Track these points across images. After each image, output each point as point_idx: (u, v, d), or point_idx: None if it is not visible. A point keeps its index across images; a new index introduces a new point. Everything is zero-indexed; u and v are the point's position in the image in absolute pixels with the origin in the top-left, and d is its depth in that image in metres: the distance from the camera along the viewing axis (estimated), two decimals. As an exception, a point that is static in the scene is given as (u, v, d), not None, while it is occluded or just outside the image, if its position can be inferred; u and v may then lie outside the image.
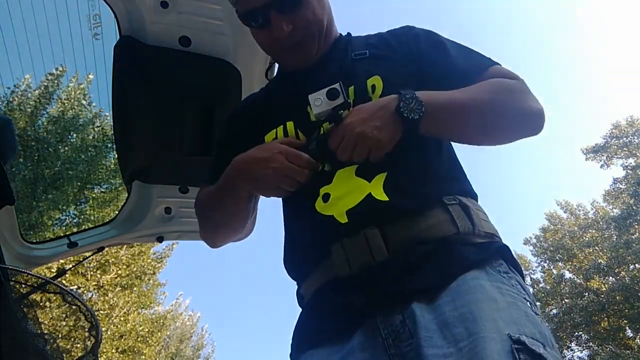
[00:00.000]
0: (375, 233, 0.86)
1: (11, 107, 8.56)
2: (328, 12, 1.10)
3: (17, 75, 8.25)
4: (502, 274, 0.84)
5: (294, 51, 1.07)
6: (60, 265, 6.10)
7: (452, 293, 0.79)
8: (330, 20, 1.11)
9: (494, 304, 0.76)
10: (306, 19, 1.03)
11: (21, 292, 1.86)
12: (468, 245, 0.86)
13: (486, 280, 0.81)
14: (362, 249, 0.87)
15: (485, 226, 0.92)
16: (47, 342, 1.83)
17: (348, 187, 0.91)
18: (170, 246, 12.86)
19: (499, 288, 0.80)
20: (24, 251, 2.10)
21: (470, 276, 0.81)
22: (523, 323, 0.74)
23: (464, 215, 0.89)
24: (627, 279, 14.71)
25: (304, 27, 1.03)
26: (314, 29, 1.05)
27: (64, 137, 9.22)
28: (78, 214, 9.47)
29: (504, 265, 0.86)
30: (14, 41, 2.94)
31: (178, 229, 2.26)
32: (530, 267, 18.57)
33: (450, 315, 0.76)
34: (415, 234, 0.86)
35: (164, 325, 14.07)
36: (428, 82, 1.00)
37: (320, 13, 1.06)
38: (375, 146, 0.87)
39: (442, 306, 0.78)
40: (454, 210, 0.89)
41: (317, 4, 1.05)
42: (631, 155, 16.63)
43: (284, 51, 1.08)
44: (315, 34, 1.06)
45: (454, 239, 0.86)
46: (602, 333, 15.05)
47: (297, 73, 1.12)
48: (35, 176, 8.55)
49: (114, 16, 1.64)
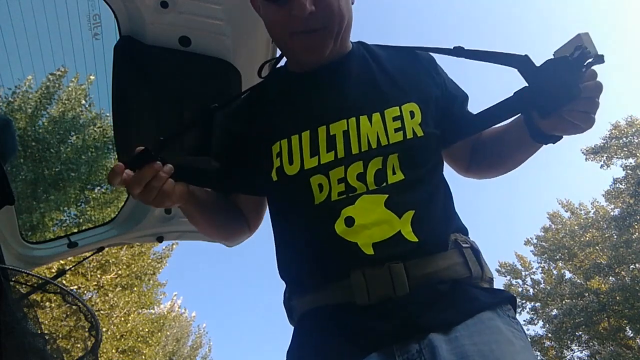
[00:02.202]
0: (400, 268, 0.88)
1: (12, 107, 8.56)
2: (350, 16, 1.03)
3: (17, 76, 8.25)
4: (511, 319, 0.90)
5: (309, 39, 0.98)
6: (60, 265, 6.10)
7: (469, 328, 0.84)
8: (349, 25, 1.03)
9: (512, 347, 0.81)
10: (330, 6, 0.95)
11: (21, 292, 1.86)
12: (479, 289, 0.92)
13: (501, 323, 0.86)
14: (385, 282, 0.88)
15: (489, 272, 0.98)
16: (47, 342, 1.83)
17: (376, 217, 0.90)
18: (170, 246, 12.87)
19: (512, 332, 0.86)
20: (24, 251, 2.10)
21: (486, 316, 0.86)
22: None
23: (475, 259, 0.95)
24: (628, 278, 14.71)
25: (327, 14, 0.96)
26: (335, 21, 0.97)
27: (64, 137, 9.21)
28: (78, 214, 9.47)
29: (511, 311, 0.92)
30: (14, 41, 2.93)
31: (178, 229, 2.26)
32: (530, 268, 18.57)
33: (469, 349, 0.80)
34: (434, 272, 0.90)
35: (164, 325, 14.07)
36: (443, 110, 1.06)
37: (345, 9, 0.99)
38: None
39: (459, 339, 0.82)
40: (467, 253, 0.94)
41: (344, 2, 0.98)
42: (631, 156, 16.62)
43: (298, 35, 0.97)
44: (335, 28, 0.98)
45: (467, 281, 0.92)
46: (603, 333, 15.05)
47: (304, 75, 1.07)
48: (36, 176, 8.55)
49: (114, 16, 1.64)
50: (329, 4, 0.95)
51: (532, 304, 17.84)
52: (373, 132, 0.94)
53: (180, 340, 18.30)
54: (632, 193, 15.56)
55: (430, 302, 0.88)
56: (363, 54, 1.09)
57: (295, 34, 0.97)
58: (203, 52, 1.72)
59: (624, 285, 14.55)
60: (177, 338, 17.94)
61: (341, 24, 0.99)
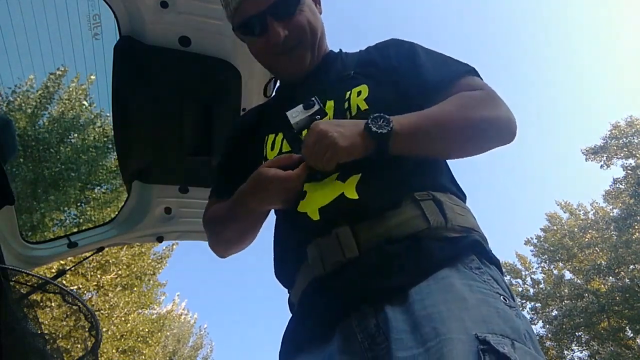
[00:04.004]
0: (346, 231, 0.88)
1: (12, 107, 8.56)
2: (321, 26, 1.16)
3: (17, 75, 8.25)
4: (474, 270, 0.83)
5: (289, 57, 1.12)
6: (60, 265, 6.11)
7: (422, 291, 0.78)
8: (322, 35, 1.16)
9: (462, 303, 0.75)
10: (301, 26, 1.09)
11: (21, 292, 1.86)
12: (439, 241, 0.86)
13: (457, 279, 0.80)
14: (333, 247, 0.88)
15: (461, 220, 0.91)
16: (47, 342, 1.83)
17: (324, 187, 0.94)
18: (170, 246, 12.87)
19: (470, 286, 0.79)
20: (24, 251, 2.10)
21: (441, 275, 0.80)
22: (493, 320, 0.72)
23: (437, 210, 0.89)
24: (627, 279, 14.72)
25: (299, 33, 1.10)
26: (308, 36, 1.11)
27: (64, 137, 9.22)
28: (78, 214, 9.47)
29: (475, 261, 0.85)
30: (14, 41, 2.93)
31: (178, 229, 2.26)
32: (530, 268, 18.58)
33: (419, 314, 0.75)
34: (385, 231, 0.87)
35: (164, 325, 14.07)
36: (406, 95, 1.04)
37: (315, 23, 1.12)
38: (332, 147, 0.88)
39: (413, 305, 0.77)
40: (425, 205, 0.89)
41: (312, 14, 1.12)
42: (631, 156, 16.63)
43: (280, 57, 1.12)
44: (309, 42, 1.12)
45: (425, 234, 0.86)
46: (602, 333, 15.05)
47: (294, 84, 1.18)
48: (36, 176, 8.55)
49: (114, 16, 1.64)
50: (299, 23, 1.09)
51: (532, 304, 17.85)
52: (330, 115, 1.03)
53: (181, 340, 18.31)
54: (631, 193, 15.57)
55: (382, 265, 0.84)
56: (336, 56, 1.21)
57: (278, 55, 1.12)
58: (203, 52, 1.72)
59: (623, 286, 14.55)
60: (177, 338, 17.95)
61: (314, 36, 1.12)
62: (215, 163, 1.31)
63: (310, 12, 1.12)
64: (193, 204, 2.17)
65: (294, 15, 1.09)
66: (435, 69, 1.06)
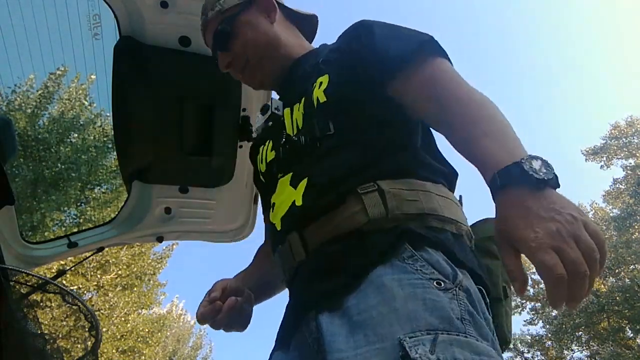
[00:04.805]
0: (295, 237, 0.90)
1: (12, 107, 8.56)
2: (269, 37, 1.16)
3: (18, 75, 8.25)
4: (407, 261, 0.77)
5: (243, 76, 1.21)
6: (60, 265, 6.10)
7: (358, 294, 0.76)
8: (274, 44, 1.16)
9: (392, 304, 0.71)
10: (242, 48, 1.15)
11: (21, 292, 1.86)
12: (378, 234, 0.81)
13: (389, 275, 0.76)
14: (287, 253, 0.92)
15: (408, 207, 0.84)
16: (47, 342, 1.83)
17: (284, 195, 0.96)
18: (170, 246, 12.87)
19: (400, 280, 0.74)
20: (24, 251, 2.10)
21: (375, 274, 0.77)
22: (419, 315, 0.69)
23: (379, 201, 0.83)
24: (627, 279, 14.71)
25: (240, 57, 1.16)
26: (252, 55, 1.16)
27: (64, 137, 9.22)
28: (78, 214, 9.47)
29: (408, 250, 0.78)
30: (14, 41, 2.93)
31: (178, 229, 2.26)
32: (531, 268, 18.56)
33: (355, 319, 0.73)
34: (328, 231, 0.86)
35: (164, 325, 14.06)
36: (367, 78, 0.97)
37: (256, 40, 1.15)
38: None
39: (350, 309, 0.75)
40: (367, 198, 0.84)
41: (252, 32, 1.15)
42: (631, 156, 16.63)
43: (239, 77, 1.22)
44: (255, 59, 1.16)
45: (366, 229, 0.82)
46: (602, 333, 15.05)
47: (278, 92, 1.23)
48: (36, 176, 8.55)
49: (114, 16, 1.64)
50: (238, 49, 1.16)
51: (532, 304, 17.84)
52: (299, 115, 1.02)
53: (181, 340, 18.30)
54: (631, 193, 15.57)
55: (321, 268, 0.83)
56: (316, 51, 1.19)
57: (237, 77, 1.22)
58: (203, 52, 1.72)
59: (623, 286, 14.55)
60: (177, 338, 17.95)
61: (257, 53, 1.16)
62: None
63: (250, 30, 1.15)
64: (193, 204, 2.17)
65: (231, 44, 1.15)
66: (393, 47, 0.95)
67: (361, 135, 0.93)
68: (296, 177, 0.94)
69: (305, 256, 0.88)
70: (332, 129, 0.94)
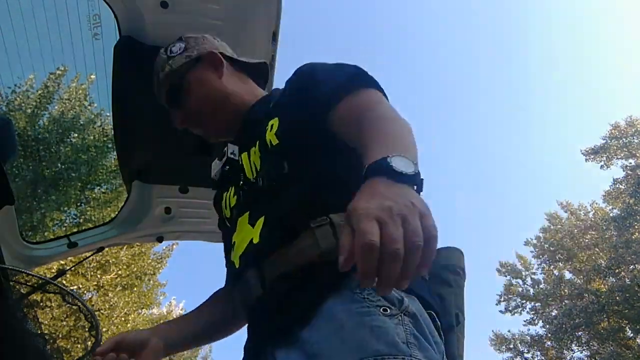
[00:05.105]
0: (252, 273, 0.94)
1: (12, 107, 8.56)
2: (218, 92, 1.21)
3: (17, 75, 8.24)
4: (355, 290, 0.80)
5: (200, 130, 1.25)
6: (60, 265, 6.10)
7: (311, 328, 0.79)
8: (225, 96, 1.21)
9: (341, 334, 0.75)
10: (190, 106, 1.21)
11: (21, 292, 1.86)
12: (329, 266, 0.80)
13: (339, 306, 0.79)
14: (245, 290, 0.96)
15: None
16: (47, 342, 1.83)
17: (243, 234, 1.00)
18: (170, 246, 12.86)
19: (348, 310, 0.78)
20: (24, 251, 2.10)
21: (326, 307, 0.80)
22: (366, 343, 0.72)
23: (330, 233, 0.85)
24: (627, 279, 14.72)
25: (191, 115, 1.22)
26: (204, 111, 1.21)
27: (64, 137, 9.22)
28: (78, 214, 9.47)
29: (356, 280, 0.80)
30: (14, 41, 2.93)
31: (178, 229, 2.26)
32: (531, 268, 18.58)
33: (311, 352, 0.77)
34: (283, 267, 0.89)
35: (164, 325, 14.03)
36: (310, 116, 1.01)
37: (205, 97, 1.20)
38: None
39: (304, 344, 0.79)
40: (319, 232, 0.86)
41: (199, 89, 1.20)
42: (631, 156, 16.64)
43: (196, 131, 1.26)
44: (206, 116, 1.21)
45: (318, 262, 0.85)
46: (602, 333, 15.05)
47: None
48: (36, 176, 8.55)
49: (114, 16, 1.64)
50: (188, 105, 1.21)
51: (532, 304, 17.84)
52: (257, 158, 1.06)
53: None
54: (631, 193, 15.57)
55: (275, 304, 0.87)
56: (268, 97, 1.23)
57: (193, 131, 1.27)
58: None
59: (623, 286, 14.55)
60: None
61: (211, 108, 1.20)
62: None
63: (200, 87, 1.20)
64: (193, 204, 2.17)
65: (184, 101, 1.21)
66: (327, 83, 1.02)
67: (313, 171, 0.98)
68: (254, 216, 0.99)
69: (262, 292, 0.91)
70: (287, 168, 0.99)
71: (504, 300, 18.33)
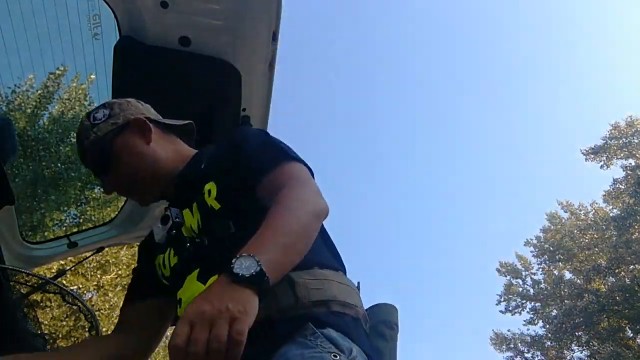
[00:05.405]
0: None
1: (12, 107, 8.56)
2: (146, 158, 1.21)
3: (17, 75, 8.24)
4: (309, 337, 0.87)
5: (130, 195, 1.28)
6: (60, 265, 6.10)
7: None
8: (154, 161, 1.22)
9: None
10: (121, 172, 1.21)
11: (21, 292, 1.86)
12: (285, 321, 0.90)
13: (292, 351, 0.85)
14: None
15: (315, 294, 0.94)
16: (47, 342, 1.83)
17: (191, 291, 1.01)
18: (170, 246, 12.85)
19: (302, 355, 0.84)
20: (24, 251, 2.10)
21: (281, 352, 0.86)
22: None
23: (289, 290, 0.92)
24: (627, 279, 14.72)
25: (123, 178, 1.22)
26: (133, 176, 1.21)
27: (64, 137, 9.21)
28: (78, 214, 9.47)
29: (310, 328, 0.89)
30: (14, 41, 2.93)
31: (178, 229, 2.26)
32: (531, 268, 18.58)
33: None
34: None
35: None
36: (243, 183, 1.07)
37: (134, 165, 1.20)
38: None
39: None
40: (278, 289, 0.90)
41: (128, 157, 1.20)
42: (631, 156, 16.64)
43: (127, 197, 1.30)
44: (137, 183, 1.22)
45: (275, 317, 0.90)
46: (602, 333, 15.06)
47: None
48: (36, 176, 8.55)
49: (114, 16, 1.64)
50: (118, 172, 1.21)
51: (532, 304, 17.85)
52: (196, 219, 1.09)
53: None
54: (631, 193, 15.58)
55: None
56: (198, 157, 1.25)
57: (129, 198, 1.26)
58: (203, 52, 1.72)
59: (623, 286, 14.56)
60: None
61: (140, 173, 1.21)
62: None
63: (127, 153, 1.20)
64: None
65: (112, 168, 1.21)
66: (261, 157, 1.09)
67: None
68: (204, 274, 1.00)
69: None
70: (233, 228, 1.03)
71: (504, 300, 18.35)
